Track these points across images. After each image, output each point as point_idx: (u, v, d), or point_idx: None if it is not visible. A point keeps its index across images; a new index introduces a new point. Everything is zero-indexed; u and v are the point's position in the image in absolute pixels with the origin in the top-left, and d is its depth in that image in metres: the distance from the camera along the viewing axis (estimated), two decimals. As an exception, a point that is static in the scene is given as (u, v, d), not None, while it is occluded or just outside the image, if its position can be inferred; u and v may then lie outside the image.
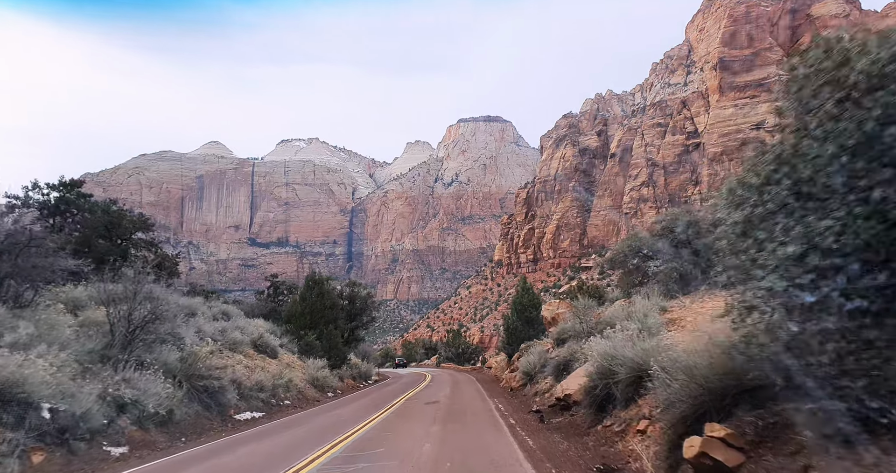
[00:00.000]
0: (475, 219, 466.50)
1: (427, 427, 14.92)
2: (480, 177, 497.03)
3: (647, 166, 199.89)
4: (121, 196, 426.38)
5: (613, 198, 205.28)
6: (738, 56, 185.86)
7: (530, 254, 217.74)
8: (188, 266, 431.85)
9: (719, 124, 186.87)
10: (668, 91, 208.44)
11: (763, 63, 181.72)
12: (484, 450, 11.15)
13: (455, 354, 71.50)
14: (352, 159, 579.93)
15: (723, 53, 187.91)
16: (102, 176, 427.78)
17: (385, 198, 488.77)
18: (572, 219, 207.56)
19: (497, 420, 15.88)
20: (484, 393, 25.09)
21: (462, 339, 74.41)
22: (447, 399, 23.27)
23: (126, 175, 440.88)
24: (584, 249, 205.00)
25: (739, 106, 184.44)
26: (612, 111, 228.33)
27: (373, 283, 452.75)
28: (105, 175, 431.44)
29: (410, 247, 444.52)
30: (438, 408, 19.48)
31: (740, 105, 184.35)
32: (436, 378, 40.12)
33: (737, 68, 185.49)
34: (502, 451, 10.93)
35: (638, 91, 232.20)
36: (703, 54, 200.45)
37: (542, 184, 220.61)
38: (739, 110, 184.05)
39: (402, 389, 30.15)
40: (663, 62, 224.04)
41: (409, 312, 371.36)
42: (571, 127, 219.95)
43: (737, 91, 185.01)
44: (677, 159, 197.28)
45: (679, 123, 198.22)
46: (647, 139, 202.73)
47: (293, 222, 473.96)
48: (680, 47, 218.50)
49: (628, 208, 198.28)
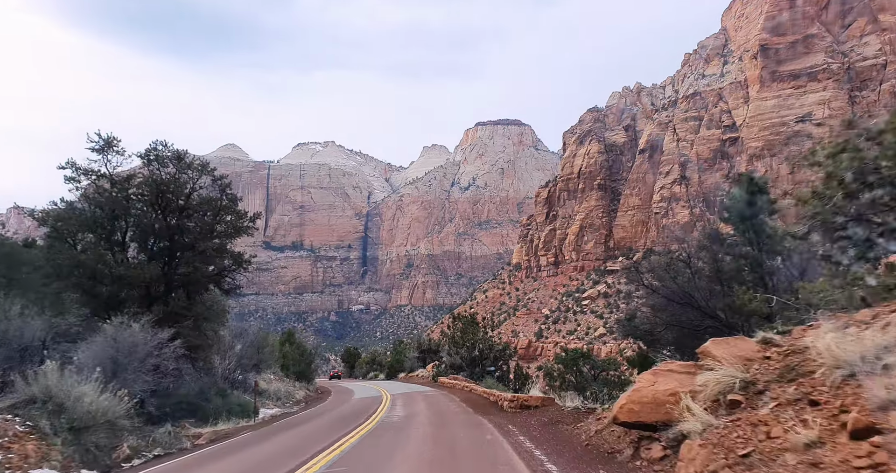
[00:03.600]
0: (492, 224, 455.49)
1: None
2: (498, 182, 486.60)
3: (680, 162, 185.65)
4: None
5: (642, 196, 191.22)
6: (782, 43, 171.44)
7: (551, 257, 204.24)
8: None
9: (760, 117, 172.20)
10: (702, 82, 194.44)
11: (810, 50, 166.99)
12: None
13: (467, 359, 41.40)
14: (368, 163, 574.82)
15: (764, 41, 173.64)
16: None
17: (401, 202, 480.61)
18: (597, 219, 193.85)
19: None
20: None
21: (481, 333, 42.58)
22: None
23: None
24: (609, 251, 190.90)
25: (783, 97, 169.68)
26: (640, 105, 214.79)
27: (387, 288, 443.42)
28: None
29: (426, 252, 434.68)
30: None
31: (784, 96, 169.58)
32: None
33: (780, 56, 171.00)
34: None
35: (669, 83, 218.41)
36: (742, 42, 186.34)
37: (564, 183, 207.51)
38: (783, 101, 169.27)
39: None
40: (697, 52, 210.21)
41: (424, 318, 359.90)
42: (597, 121, 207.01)
43: (780, 81, 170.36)
44: (712, 155, 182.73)
45: (715, 117, 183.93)
46: (680, 134, 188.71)
47: (308, 226, 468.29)
48: (716, 36, 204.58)
49: (658, 207, 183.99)
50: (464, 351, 42.27)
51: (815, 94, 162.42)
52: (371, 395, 35.21)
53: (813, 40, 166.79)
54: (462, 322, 43.28)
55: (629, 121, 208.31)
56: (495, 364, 41.18)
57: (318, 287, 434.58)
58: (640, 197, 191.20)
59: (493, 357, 41.57)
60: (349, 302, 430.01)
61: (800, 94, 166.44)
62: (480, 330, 42.80)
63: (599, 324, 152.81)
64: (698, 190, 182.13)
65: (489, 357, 41.46)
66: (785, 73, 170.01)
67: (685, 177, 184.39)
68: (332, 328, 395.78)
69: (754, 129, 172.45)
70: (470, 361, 41.95)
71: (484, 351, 41.77)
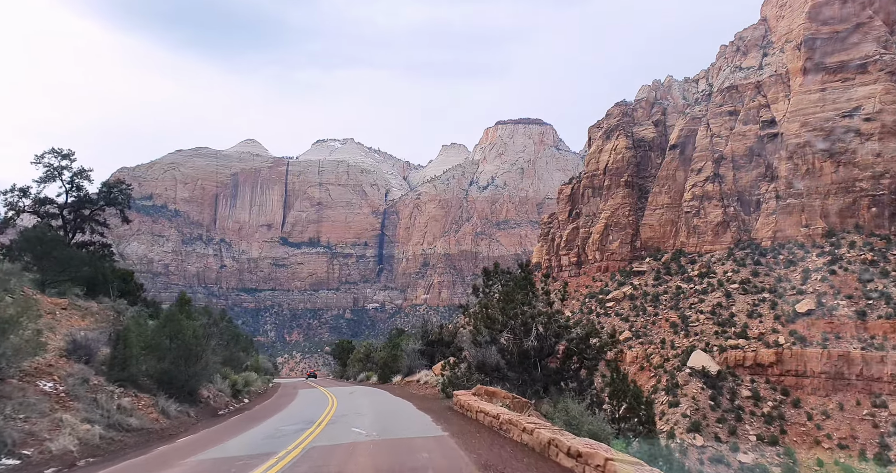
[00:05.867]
0: (510, 225, 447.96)
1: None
2: (517, 182, 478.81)
3: (713, 159, 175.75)
4: (156, 191, 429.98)
5: (672, 195, 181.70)
6: (828, 33, 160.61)
7: (573, 257, 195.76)
8: (219, 264, 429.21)
9: (802, 111, 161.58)
10: (739, 75, 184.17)
11: (859, 40, 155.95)
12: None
13: (515, 354, 22.08)
14: (386, 161, 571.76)
15: (809, 30, 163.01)
16: (138, 170, 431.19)
17: (418, 201, 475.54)
18: (623, 217, 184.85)
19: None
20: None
21: (540, 304, 22.60)
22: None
23: (162, 170, 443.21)
24: (636, 252, 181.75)
25: (828, 90, 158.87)
26: (671, 99, 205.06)
27: (403, 287, 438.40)
28: (141, 170, 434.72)
29: (442, 252, 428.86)
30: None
31: (829, 89, 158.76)
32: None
33: (826, 47, 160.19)
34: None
35: (702, 77, 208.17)
36: (784, 33, 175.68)
37: (588, 180, 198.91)
38: (828, 95, 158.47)
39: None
40: (734, 44, 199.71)
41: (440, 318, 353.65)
42: (625, 116, 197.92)
43: (825, 73, 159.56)
44: (749, 152, 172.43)
45: (752, 111, 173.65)
46: (714, 129, 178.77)
47: (325, 222, 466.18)
48: (754, 27, 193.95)
49: (689, 206, 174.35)
50: (508, 336, 22.08)
51: (865, 87, 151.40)
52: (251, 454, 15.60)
53: (863, 29, 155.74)
54: (508, 280, 22.98)
55: (659, 116, 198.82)
56: (572, 367, 20.90)
57: (334, 284, 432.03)
58: (669, 195, 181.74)
59: (570, 351, 20.99)
60: (364, 300, 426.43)
61: (847, 87, 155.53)
62: (540, 297, 22.74)
63: (625, 328, 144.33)
64: (732, 188, 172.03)
65: (557, 349, 20.95)
66: (831, 64, 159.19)
67: (719, 175, 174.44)
68: (348, 325, 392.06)
69: (795, 125, 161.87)
70: (520, 357, 21.52)
71: (548, 336, 21.15)
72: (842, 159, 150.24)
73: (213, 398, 28.77)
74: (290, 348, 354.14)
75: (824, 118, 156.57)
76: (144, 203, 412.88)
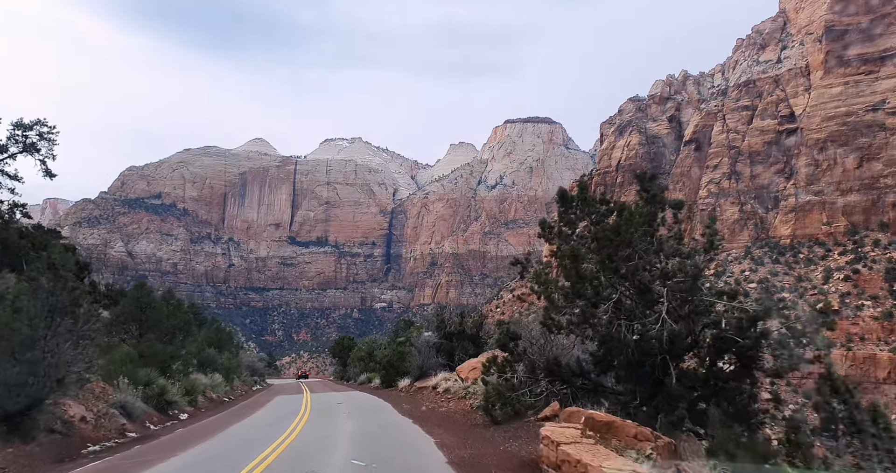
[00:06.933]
0: (519, 224, 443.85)
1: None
2: (526, 181, 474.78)
3: (730, 155, 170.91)
4: (164, 189, 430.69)
5: (686, 191, 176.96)
6: (852, 24, 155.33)
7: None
8: (228, 263, 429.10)
9: (823, 106, 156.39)
10: (757, 69, 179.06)
11: (885, 32, 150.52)
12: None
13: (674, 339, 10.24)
14: (394, 160, 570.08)
15: (831, 22, 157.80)
16: (147, 169, 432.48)
17: (426, 200, 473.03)
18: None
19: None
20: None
21: (690, 245, 11.81)
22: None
23: (170, 169, 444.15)
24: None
25: (851, 84, 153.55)
26: (686, 94, 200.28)
27: (410, 287, 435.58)
28: (150, 168, 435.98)
29: (450, 251, 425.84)
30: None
31: (852, 82, 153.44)
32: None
33: (849, 39, 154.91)
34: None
35: (718, 71, 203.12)
36: (805, 24, 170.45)
37: (601, 176, 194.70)
38: (851, 88, 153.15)
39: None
40: (751, 38, 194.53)
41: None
42: (638, 111, 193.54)
43: (848, 66, 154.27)
44: (766, 147, 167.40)
45: (771, 106, 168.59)
46: (730, 124, 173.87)
47: (333, 221, 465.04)
48: (773, 19, 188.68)
49: (705, 203, 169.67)
50: (610, 315, 12.74)
51: (890, 80, 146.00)
52: None
53: (887, 20, 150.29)
54: (609, 210, 13.40)
55: (673, 111, 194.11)
56: (726, 372, 11.98)
57: (342, 283, 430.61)
58: (684, 192, 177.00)
59: (723, 341, 12.08)
60: (372, 300, 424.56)
61: (871, 80, 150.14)
62: (670, 243, 12.96)
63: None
64: (749, 185, 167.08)
65: (702, 338, 12.30)
66: (854, 57, 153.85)
67: (735, 172, 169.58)
68: (355, 325, 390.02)
69: (816, 119, 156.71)
70: (638, 354, 12.53)
71: (689, 315, 12.49)
72: (865, 154, 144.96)
73: (93, 420, 18.16)
74: (298, 347, 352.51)
75: (847, 112, 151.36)
76: (153, 202, 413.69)
